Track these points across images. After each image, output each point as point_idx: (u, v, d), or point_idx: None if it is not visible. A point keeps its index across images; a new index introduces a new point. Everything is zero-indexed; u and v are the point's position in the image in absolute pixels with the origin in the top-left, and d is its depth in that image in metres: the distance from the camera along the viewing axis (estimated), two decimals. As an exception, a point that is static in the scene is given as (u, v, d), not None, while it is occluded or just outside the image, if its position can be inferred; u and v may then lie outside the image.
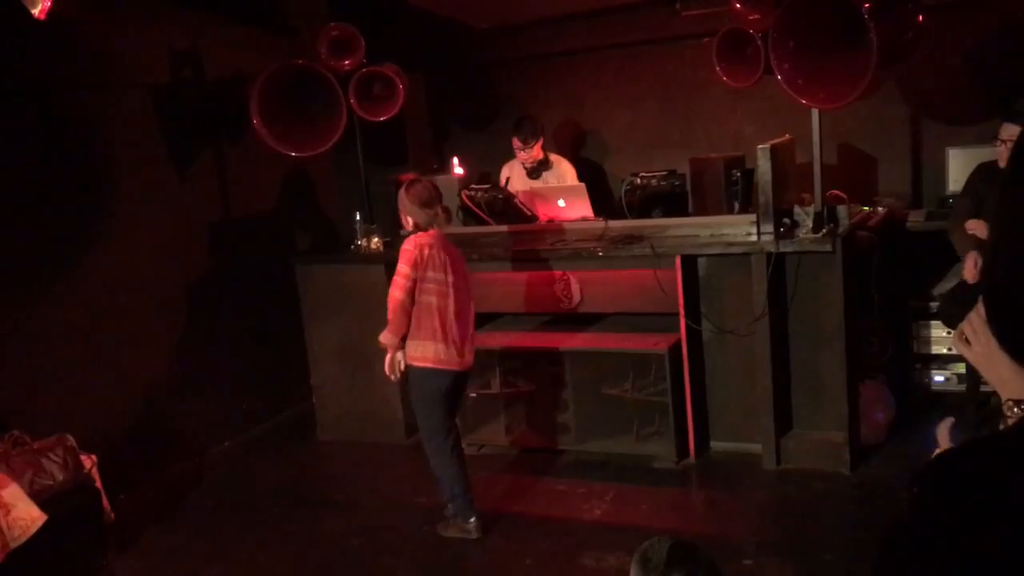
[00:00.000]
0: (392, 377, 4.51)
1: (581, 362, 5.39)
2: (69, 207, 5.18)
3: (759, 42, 4.96)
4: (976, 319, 1.31)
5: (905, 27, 4.70)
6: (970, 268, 4.77)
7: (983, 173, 4.98)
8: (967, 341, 1.34)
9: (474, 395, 5.49)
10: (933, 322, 5.51)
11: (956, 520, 1.10)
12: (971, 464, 1.17)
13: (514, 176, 6.42)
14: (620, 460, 5.31)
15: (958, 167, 5.54)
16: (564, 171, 6.32)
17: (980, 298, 1.29)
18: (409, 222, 4.42)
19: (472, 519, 4.52)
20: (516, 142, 6.25)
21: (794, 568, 3.99)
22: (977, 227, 4.85)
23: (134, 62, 5.60)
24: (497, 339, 5.57)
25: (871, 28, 4.28)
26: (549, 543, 4.46)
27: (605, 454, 5.38)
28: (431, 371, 4.37)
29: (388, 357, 4.48)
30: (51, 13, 4.17)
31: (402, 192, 4.43)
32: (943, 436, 2.29)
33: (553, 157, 6.36)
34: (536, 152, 6.24)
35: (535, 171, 6.33)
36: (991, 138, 5.28)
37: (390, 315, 4.36)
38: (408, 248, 4.33)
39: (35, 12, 4.15)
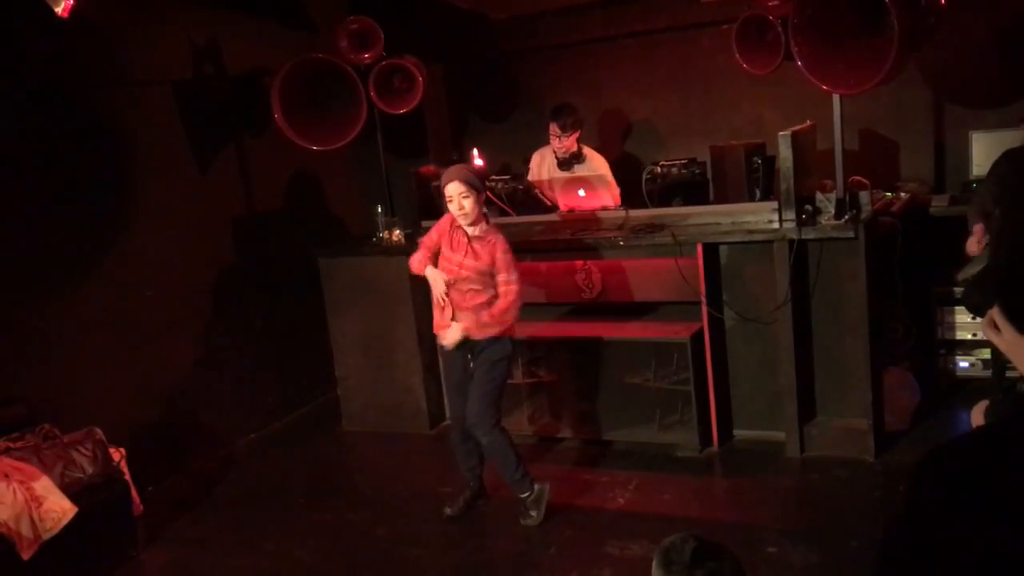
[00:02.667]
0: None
1: (603, 351, 5.40)
2: (94, 203, 5.24)
3: (779, 28, 4.94)
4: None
5: (927, 10, 4.66)
6: (973, 242, 4.77)
7: (1011, 157, 4.91)
8: (996, 328, 1.33)
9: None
10: (957, 308, 5.46)
11: (951, 514, 1.10)
12: (964, 458, 1.17)
13: (544, 167, 6.30)
14: (643, 449, 5.32)
15: (981, 151, 5.48)
16: (597, 165, 6.13)
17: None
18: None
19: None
20: (554, 128, 6.04)
21: (819, 555, 3.98)
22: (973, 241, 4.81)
23: (156, 59, 5.65)
24: (519, 329, 5.57)
25: (893, 12, 4.24)
26: (573, 531, 4.48)
27: (628, 443, 5.39)
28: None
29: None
30: (73, 11, 4.20)
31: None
32: (977, 418, 2.28)
33: (586, 150, 6.18)
34: (570, 143, 6.06)
35: (566, 163, 6.13)
36: (1016, 121, 5.22)
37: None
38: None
39: (58, 11, 4.18)
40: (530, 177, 6.34)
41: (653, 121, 6.96)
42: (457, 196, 4.37)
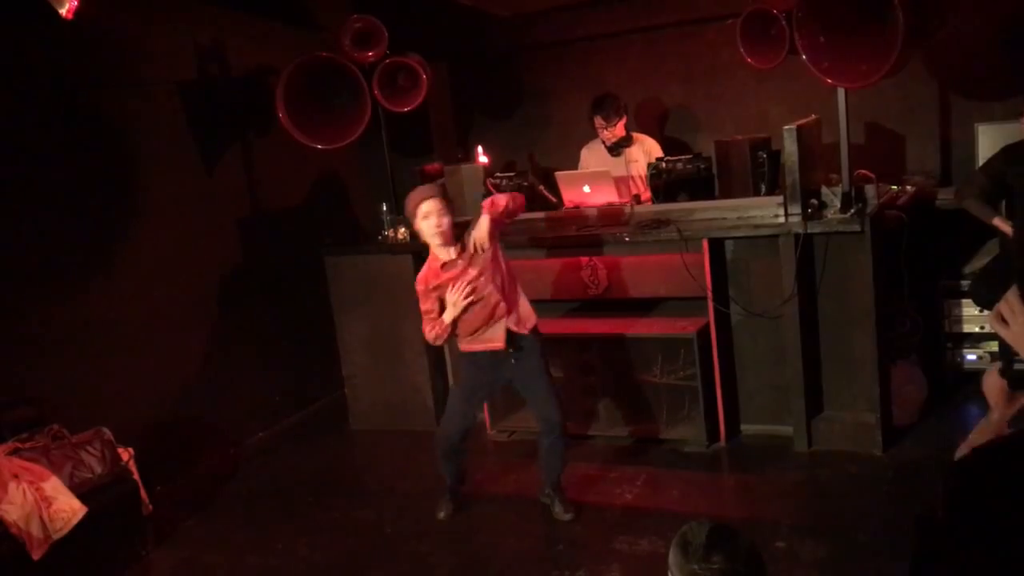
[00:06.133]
0: None
1: (609, 347, 5.39)
2: (101, 204, 5.25)
3: (783, 22, 4.93)
4: (1013, 299, 1.31)
5: (932, 2, 4.64)
6: (1008, 228, 4.79)
7: (1009, 156, 4.91)
8: (1004, 321, 1.33)
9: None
10: (964, 301, 5.44)
11: (991, 516, 1.09)
12: (1006, 460, 1.16)
13: (594, 157, 6.31)
14: (650, 445, 5.32)
15: (987, 143, 5.46)
16: (650, 148, 6.21)
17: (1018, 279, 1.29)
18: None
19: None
20: (599, 120, 6.10)
21: (828, 550, 3.98)
22: (1003, 224, 4.86)
23: (161, 59, 5.65)
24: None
25: (897, 4, 4.23)
26: (581, 528, 4.48)
27: (635, 439, 5.39)
28: None
29: None
30: (78, 13, 4.21)
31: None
32: (990, 386, 2.23)
33: (635, 135, 6.26)
34: (619, 131, 6.12)
35: (615, 148, 6.19)
36: (1016, 115, 5.21)
37: None
38: None
39: (62, 12, 4.19)
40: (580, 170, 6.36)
41: (658, 116, 6.96)
42: (436, 213, 4.22)
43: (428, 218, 4.26)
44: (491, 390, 4.82)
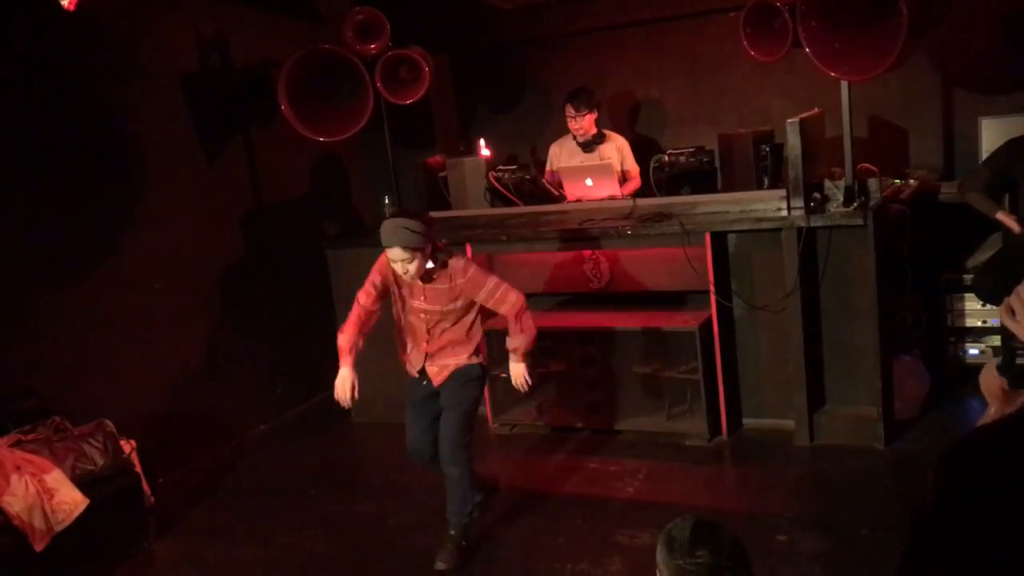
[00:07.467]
0: None
1: (611, 341, 5.39)
2: (103, 196, 5.24)
3: (786, 15, 4.90)
4: None
5: (935, -4, 4.64)
6: (1013, 223, 4.79)
7: (1014, 149, 4.90)
8: (1014, 314, 1.33)
9: (504, 375, 5.51)
10: (967, 295, 5.44)
11: (980, 504, 1.09)
12: (992, 448, 1.16)
13: (564, 153, 6.28)
14: (652, 438, 5.32)
15: (991, 137, 5.45)
16: (620, 146, 6.18)
17: None
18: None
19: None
20: (569, 109, 6.07)
21: (829, 544, 3.98)
22: (1007, 219, 4.86)
23: (163, 51, 5.64)
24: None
25: (901, -2, 4.22)
26: (582, 521, 4.49)
27: (637, 432, 5.39)
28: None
29: None
30: (80, 5, 4.21)
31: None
32: (988, 381, 2.23)
33: (608, 133, 6.22)
34: (588, 124, 6.07)
35: (588, 145, 6.15)
36: (1020, 108, 5.20)
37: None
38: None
39: (64, 4, 4.19)
40: (549, 167, 6.32)
41: (660, 109, 6.95)
42: (400, 261, 4.02)
43: (394, 263, 4.09)
44: (425, 404, 4.38)
